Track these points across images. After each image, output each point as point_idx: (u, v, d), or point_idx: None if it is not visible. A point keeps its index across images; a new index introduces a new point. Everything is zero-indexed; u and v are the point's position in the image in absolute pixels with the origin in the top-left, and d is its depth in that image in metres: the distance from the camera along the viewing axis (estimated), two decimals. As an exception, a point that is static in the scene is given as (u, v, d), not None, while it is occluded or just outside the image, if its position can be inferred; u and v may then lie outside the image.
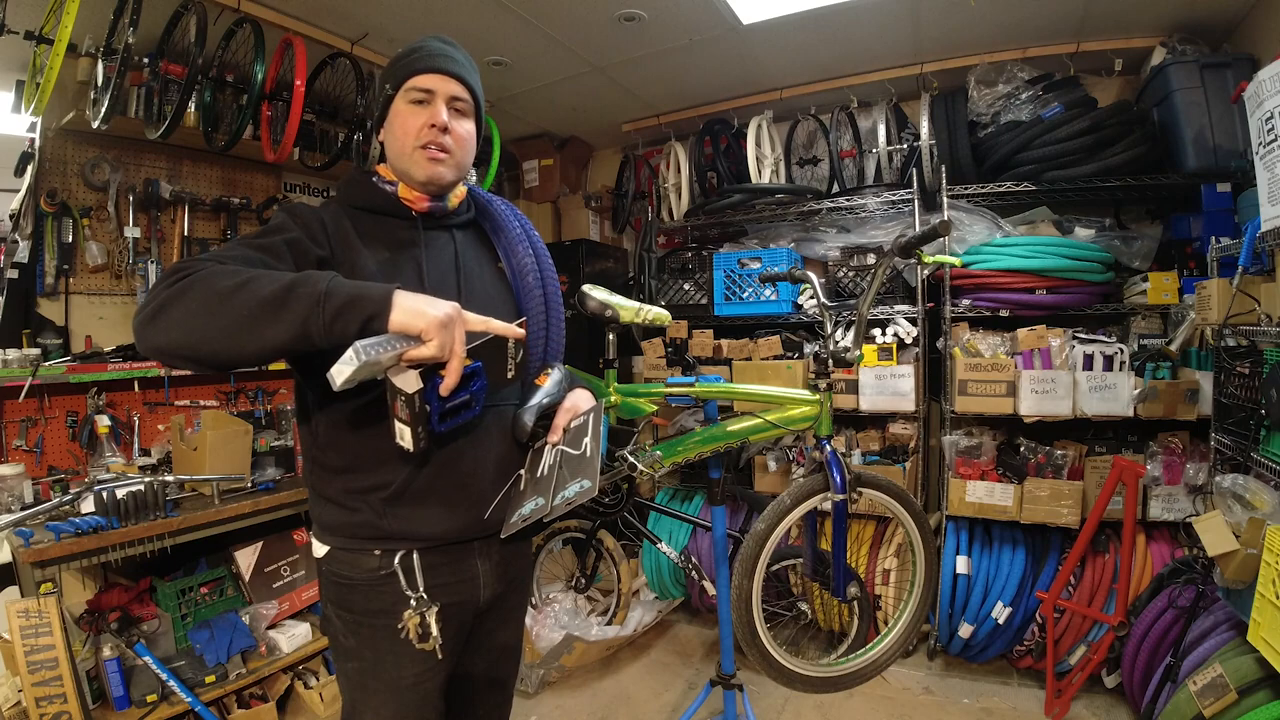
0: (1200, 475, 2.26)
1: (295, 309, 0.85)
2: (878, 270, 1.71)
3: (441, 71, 1.13)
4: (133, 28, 2.00)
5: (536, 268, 1.28)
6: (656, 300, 3.40)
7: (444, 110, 1.12)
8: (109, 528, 1.92)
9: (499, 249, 1.29)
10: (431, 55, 1.14)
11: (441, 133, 1.12)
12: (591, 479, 1.05)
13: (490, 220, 1.30)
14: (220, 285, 0.86)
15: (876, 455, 2.79)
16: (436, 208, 1.19)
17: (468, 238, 1.25)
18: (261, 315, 0.85)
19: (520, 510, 1.12)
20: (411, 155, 1.13)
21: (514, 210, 1.33)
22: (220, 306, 0.85)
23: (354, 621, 1.12)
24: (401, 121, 1.13)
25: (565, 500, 1.05)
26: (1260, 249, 1.88)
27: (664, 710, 2.50)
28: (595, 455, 1.08)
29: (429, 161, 1.12)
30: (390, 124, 1.16)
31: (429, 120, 1.12)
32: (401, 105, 1.13)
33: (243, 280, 0.87)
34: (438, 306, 0.90)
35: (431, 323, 0.88)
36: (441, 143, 1.12)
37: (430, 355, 0.90)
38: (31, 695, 1.73)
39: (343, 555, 1.11)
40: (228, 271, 0.89)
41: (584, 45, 2.75)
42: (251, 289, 0.86)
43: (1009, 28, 2.62)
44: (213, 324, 0.86)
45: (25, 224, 2.34)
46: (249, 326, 0.85)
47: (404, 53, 1.16)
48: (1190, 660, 1.83)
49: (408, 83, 1.12)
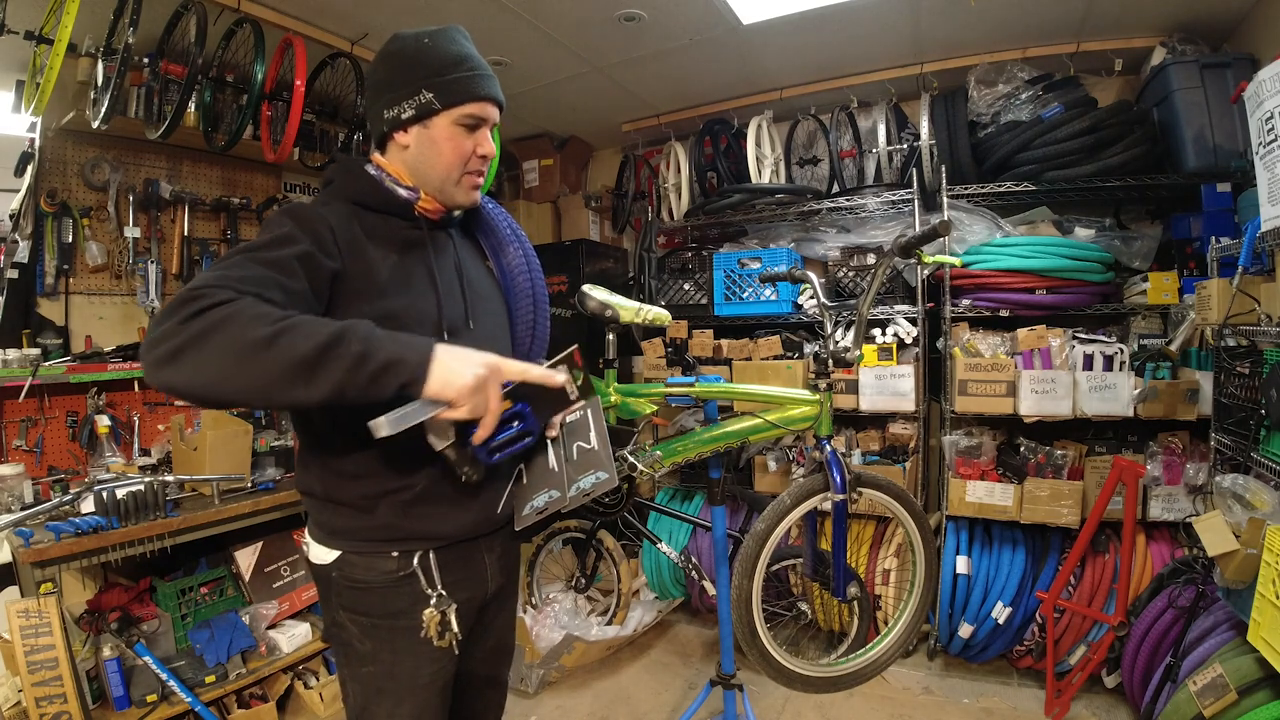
0: (1200, 475, 2.26)
1: (331, 371, 0.82)
2: (878, 270, 1.71)
3: (494, 101, 1.13)
4: (133, 28, 2.00)
5: (527, 268, 1.29)
6: (656, 300, 3.40)
7: (489, 139, 1.14)
8: (109, 528, 1.92)
9: (487, 249, 1.30)
10: (482, 79, 1.12)
11: (484, 161, 1.14)
12: (607, 470, 1.08)
13: (479, 220, 1.30)
14: (250, 335, 0.80)
15: (876, 455, 2.79)
16: (444, 213, 1.19)
17: (460, 238, 1.26)
18: (296, 375, 0.81)
19: (532, 502, 1.14)
20: (459, 181, 1.14)
21: (500, 210, 1.34)
22: (251, 359, 0.80)
23: (371, 625, 1.11)
24: (453, 145, 1.11)
25: (582, 491, 1.09)
26: (1260, 249, 1.88)
27: (664, 710, 2.50)
28: (605, 447, 1.11)
29: (473, 189, 1.15)
30: (433, 140, 1.10)
31: (478, 150, 1.12)
32: (449, 125, 1.10)
33: (275, 332, 0.81)
34: (470, 370, 0.89)
35: (463, 391, 0.88)
36: (482, 170, 1.15)
37: (463, 417, 0.91)
38: (31, 695, 1.73)
39: (357, 559, 1.10)
40: (256, 316, 0.82)
41: (584, 45, 2.75)
42: (285, 345, 0.81)
43: (1009, 28, 2.62)
44: (241, 375, 0.81)
45: (25, 224, 2.34)
46: (281, 384, 0.81)
47: (446, 60, 1.10)
48: (1190, 660, 1.83)
49: (462, 108, 1.09)
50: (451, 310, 1.14)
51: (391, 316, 1.05)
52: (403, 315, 1.07)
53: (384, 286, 1.06)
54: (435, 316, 1.10)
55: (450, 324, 1.12)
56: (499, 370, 0.93)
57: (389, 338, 0.88)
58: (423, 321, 1.09)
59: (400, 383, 0.86)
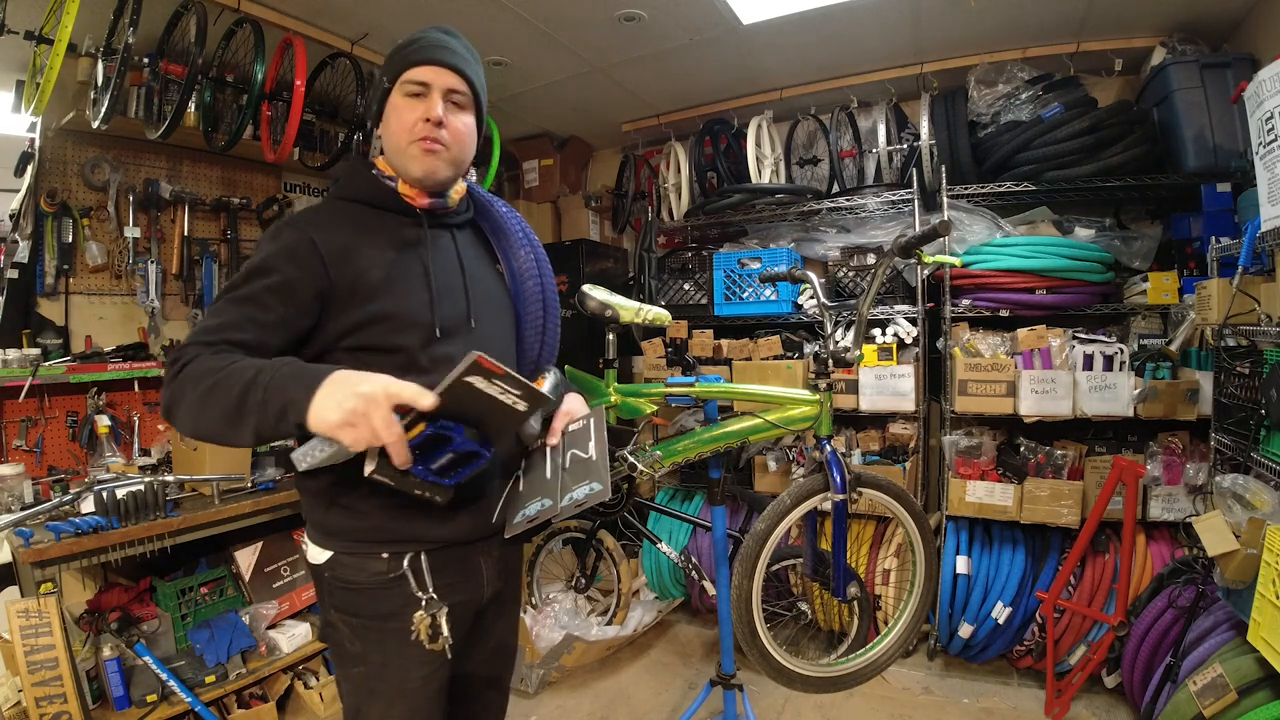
0: (1200, 475, 2.26)
1: (249, 417, 0.88)
2: (878, 270, 1.71)
3: (438, 63, 1.10)
4: (133, 28, 2.00)
5: (537, 272, 1.28)
6: (656, 300, 3.40)
7: (439, 104, 1.10)
8: (109, 528, 1.91)
9: (499, 251, 1.29)
10: (429, 46, 1.11)
11: (436, 126, 1.09)
12: (602, 481, 1.05)
13: (491, 221, 1.29)
14: (196, 391, 0.91)
15: (876, 455, 2.79)
16: (437, 204, 1.17)
17: (466, 237, 1.24)
18: (230, 422, 0.90)
19: (525, 511, 1.12)
20: (407, 150, 1.10)
21: (514, 213, 1.33)
22: (202, 410, 0.91)
23: (361, 626, 1.11)
24: (397, 115, 1.11)
25: (574, 502, 1.06)
26: (1260, 249, 1.88)
27: (664, 710, 2.50)
28: (603, 458, 1.09)
29: (424, 154, 1.10)
30: (386, 118, 1.13)
31: (424, 114, 1.09)
32: (397, 99, 1.11)
33: (210, 386, 0.90)
34: (338, 404, 0.85)
35: (333, 426, 0.85)
36: (436, 136, 1.10)
37: (360, 448, 0.88)
38: (31, 695, 1.73)
39: (348, 560, 1.10)
40: (202, 373, 0.92)
41: (584, 45, 2.75)
42: (218, 397, 0.90)
43: (1009, 28, 2.62)
44: (205, 423, 0.93)
45: (25, 224, 2.34)
46: (227, 430, 0.91)
47: (402, 44, 1.13)
48: (1190, 660, 1.83)
49: (404, 75, 1.10)
50: (449, 310, 1.13)
51: (384, 318, 1.06)
52: (394, 316, 1.07)
53: (375, 288, 1.06)
54: (428, 316, 1.10)
55: (446, 323, 1.11)
56: (376, 399, 0.85)
57: (292, 376, 0.89)
58: (415, 321, 1.09)
59: (296, 422, 0.87)
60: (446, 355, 1.10)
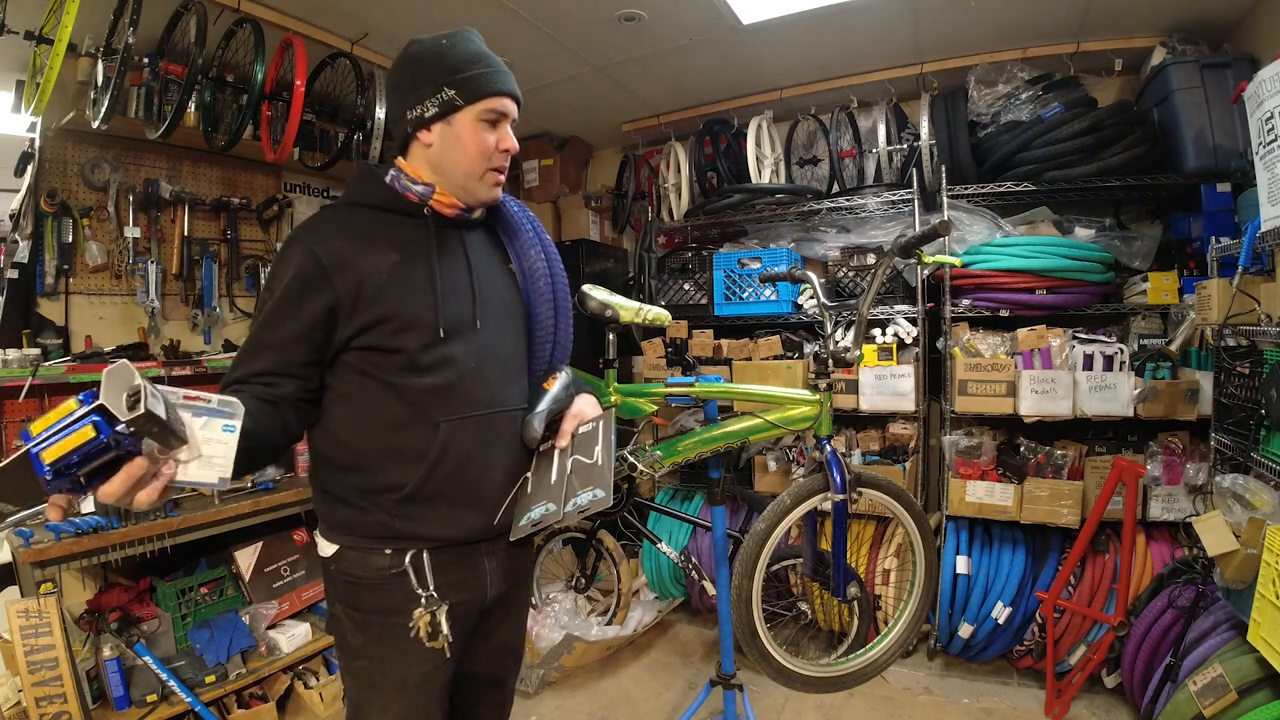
0: (1200, 475, 2.26)
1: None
2: (878, 270, 1.71)
3: (512, 95, 1.15)
4: (133, 28, 1.99)
5: (548, 272, 1.29)
6: (656, 300, 3.40)
7: (510, 135, 1.15)
8: (109, 528, 1.92)
9: (510, 251, 1.29)
10: (501, 75, 1.15)
11: (506, 156, 1.16)
12: (605, 488, 1.05)
13: (502, 221, 1.29)
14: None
15: (876, 455, 2.79)
16: (462, 214, 1.19)
17: (477, 238, 1.25)
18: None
19: (529, 514, 1.12)
20: (482, 176, 1.15)
21: (525, 211, 1.33)
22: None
23: (362, 620, 1.12)
24: (476, 141, 1.12)
25: (578, 507, 1.06)
26: (1260, 249, 1.88)
27: (664, 710, 2.50)
28: (608, 463, 1.08)
29: (495, 186, 1.16)
30: (457, 136, 1.12)
31: (501, 145, 1.14)
32: (471, 121, 1.12)
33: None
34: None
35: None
36: (504, 166, 1.16)
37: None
38: (31, 695, 1.73)
39: (352, 554, 1.11)
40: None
41: (584, 45, 2.75)
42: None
43: (1009, 28, 2.62)
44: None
45: (25, 224, 2.34)
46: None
47: (463, 58, 1.12)
48: (1190, 660, 1.83)
49: (484, 102, 1.12)
50: (454, 311, 1.13)
51: (387, 319, 1.07)
52: (396, 317, 1.08)
53: (379, 291, 1.07)
54: (432, 317, 1.10)
55: (450, 324, 1.12)
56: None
57: None
58: (419, 322, 1.09)
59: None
60: (449, 356, 1.10)
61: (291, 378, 1.05)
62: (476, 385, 1.13)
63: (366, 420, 1.09)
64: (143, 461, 0.75)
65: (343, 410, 1.10)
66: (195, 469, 0.81)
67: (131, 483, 0.76)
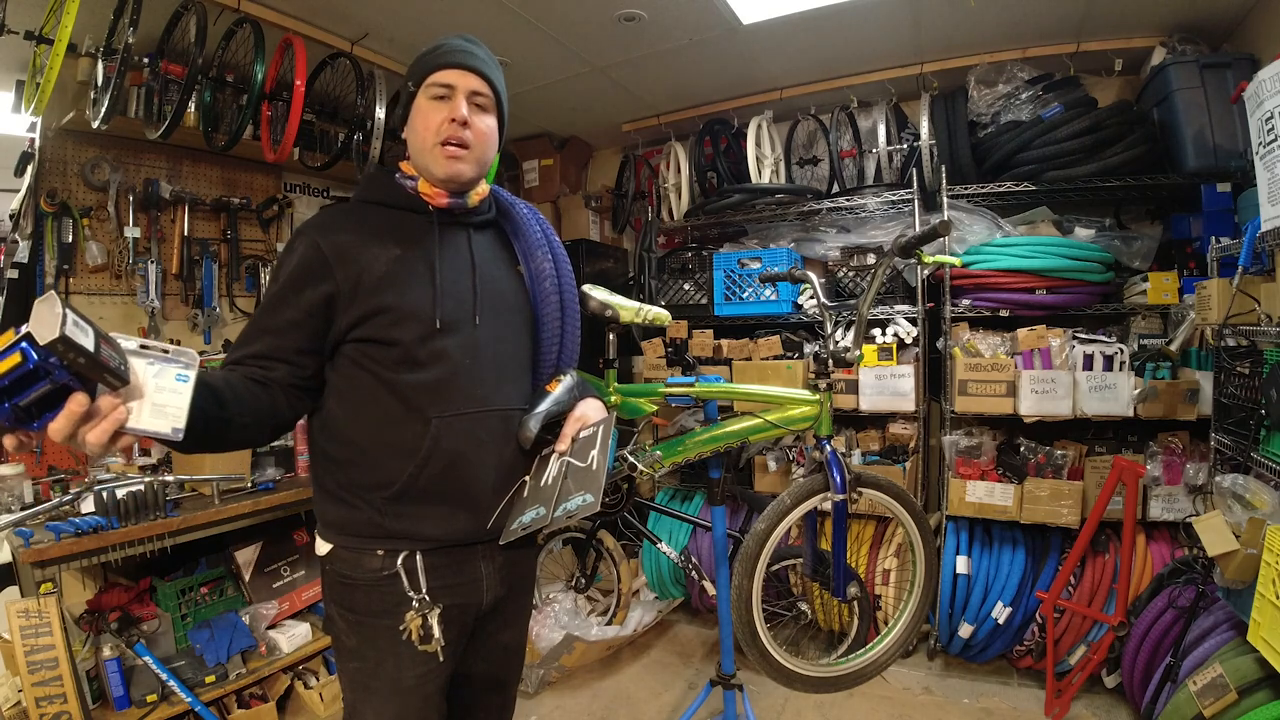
0: (1200, 475, 2.26)
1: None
2: (878, 270, 1.71)
3: (462, 66, 1.13)
4: (133, 28, 2.00)
5: (554, 273, 1.28)
6: (656, 300, 3.40)
7: (464, 105, 1.12)
8: (109, 528, 1.91)
9: (519, 252, 1.29)
10: (452, 51, 1.14)
11: (461, 127, 1.12)
12: (594, 494, 1.03)
13: (511, 223, 1.30)
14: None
15: (876, 455, 2.79)
16: (456, 204, 1.18)
17: (485, 238, 1.25)
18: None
19: (520, 518, 1.11)
20: (432, 151, 1.13)
21: (536, 214, 1.33)
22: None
23: (356, 621, 1.12)
24: (423, 117, 1.14)
25: (566, 512, 1.04)
26: (1260, 249, 1.88)
27: (664, 710, 2.50)
28: (601, 469, 1.06)
29: (448, 159, 1.13)
30: (412, 120, 1.16)
31: (449, 115, 1.12)
32: (423, 101, 1.14)
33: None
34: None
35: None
36: (461, 138, 1.12)
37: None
38: (31, 695, 1.73)
39: (345, 554, 1.11)
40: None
41: (584, 45, 2.75)
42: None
43: (1009, 28, 2.62)
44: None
45: (25, 224, 2.34)
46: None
47: (426, 51, 1.17)
48: (1190, 660, 1.83)
49: (429, 78, 1.13)
50: (453, 306, 1.13)
51: (384, 311, 1.08)
52: (393, 309, 1.09)
53: (378, 282, 1.08)
54: (429, 311, 1.11)
55: (447, 319, 1.12)
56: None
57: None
58: (416, 315, 1.10)
59: None
60: (445, 351, 1.10)
61: (285, 362, 1.06)
62: (471, 382, 1.13)
63: (362, 414, 1.10)
64: (81, 397, 0.75)
65: (340, 404, 1.11)
66: (149, 417, 0.81)
67: (74, 419, 0.74)
